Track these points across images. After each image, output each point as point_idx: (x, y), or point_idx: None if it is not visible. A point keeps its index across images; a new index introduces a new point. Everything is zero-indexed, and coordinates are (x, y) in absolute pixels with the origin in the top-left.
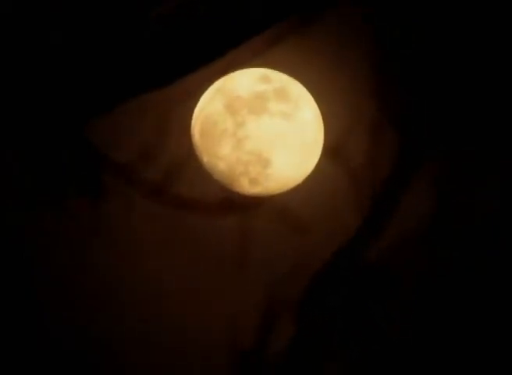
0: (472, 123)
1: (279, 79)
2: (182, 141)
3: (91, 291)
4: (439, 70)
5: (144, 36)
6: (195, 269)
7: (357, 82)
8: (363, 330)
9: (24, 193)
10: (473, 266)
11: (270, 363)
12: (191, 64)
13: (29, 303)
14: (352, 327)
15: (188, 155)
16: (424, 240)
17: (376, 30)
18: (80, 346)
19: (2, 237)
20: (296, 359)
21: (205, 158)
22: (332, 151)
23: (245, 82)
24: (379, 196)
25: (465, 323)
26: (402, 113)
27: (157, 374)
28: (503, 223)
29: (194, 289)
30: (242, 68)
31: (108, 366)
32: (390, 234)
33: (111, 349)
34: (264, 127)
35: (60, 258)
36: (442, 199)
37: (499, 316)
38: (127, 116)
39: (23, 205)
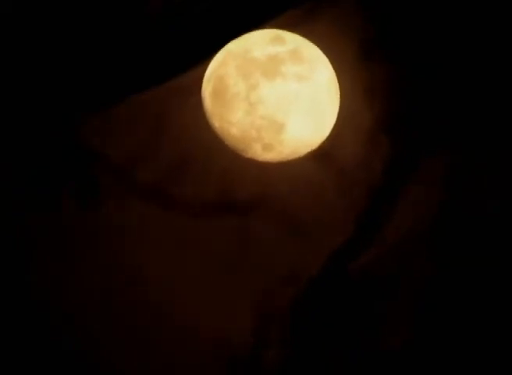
0: (471, 124)
1: (293, 40)
2: (180, 140)
3: (87, 291)
4: (438, 70)
5: (141, 33)
6: (192, 271)
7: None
8: (360, 334)
9: (18, 193)
10: (473, 269)
11: (264, 365)
12: (189, 61)
13: (24, 304)
14: (349, 331)
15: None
16: (421, 243)
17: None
18: (78, 347)
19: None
20: (292, 363)
21: (217, 123)
22: (326, 154)
23: (258, 43)
24: (375, 200)
25: (465, 324)
26: (397, 116)
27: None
28: (502, 225)
29: (191, 290)
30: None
31: (107, 366)
32: (387, 238)
33: (110, 349)
34: (277, 90)
35: (55, 258)
36: (440, 201)
37: (501, 320)
38: (123, 115)
39: (17, 205)
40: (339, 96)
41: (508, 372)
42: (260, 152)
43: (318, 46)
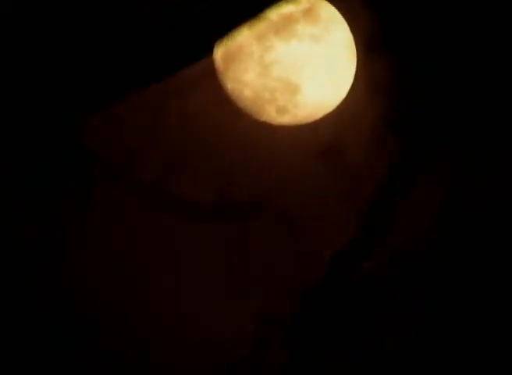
0: (471, 124)
1: None
2: (179, 140)
3: (87, 292)
4: (439, 70)
5: (141, 33)
6: (190, 273)
7: None
8: (360, 334)
9: (18, 193)
10: (473, 269)
11: (265, 367)
12: (188, 60)
13: (24, 304)
14: (349, 331)
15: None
16: (421, 243)
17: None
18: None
19: None
20: (292, 365)
21: (229, 85)
22: (330, 153)
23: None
24: (377, 200)
25: (465, 324)
26: (399, 116)
27: None
28: (502, 225)
29: (190, 291)
30: None
31: (107, 366)
32: (388, 238)
33: (110, 349)
34: (292, 51)
35: (54, 258)
36: (440, 201)
37: (501, 320)
38: (123, 115)
39: (17, 205)
40: (355, 56)
41: (508, 372)
42: (274, 115)
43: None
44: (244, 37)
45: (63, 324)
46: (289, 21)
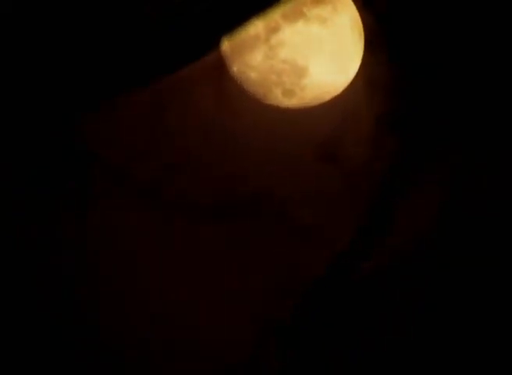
0: (471, 124)
1: None
2: (179, 139)
3: (86, 292)
4: (438, 70)
5: (141, 33)
6: (190, 273)
7: None
8: (360, 334)
9: (18, 193)
10: (473, 269)
11: (264, 368)
12: (186, 58)
13: (24, 304)
14: (349, 331)
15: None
16: (421, 243)
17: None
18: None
19: None
20: (292, 365)
21: (235, 67)
22: (330, 154)
23: None
24: (377, 200)
25: (465, 324)
26: (399, 116)
27: None
28: (502, 225)
29: (188, 293)
30: None
31: (107, 366)
32: (389, 241)
33: (110, 350)
34: (299, 33)
35: (52, 259)
36: (440, 201)
37: (501, 320)
38: (122, 114)
39: (17, 205)
40: (363, 38)
41: (508, 372)
42: (280, 98)
43: None
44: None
45: (63, 324)
46: (295, 2)
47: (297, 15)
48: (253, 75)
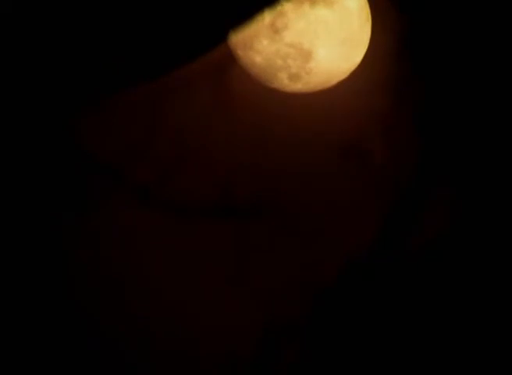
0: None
1: None
2: (179, 139)
3: (86, 293)
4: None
5: (139, 30)
6: (191, 273)
7: None
8: (360, 334)
9: (18, 193)
10: (474, 269)
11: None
12: (186, 58)
13: (24, 305)
14: (349, 331)
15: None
16: (444, 252)
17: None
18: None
19: None
20: (303, 367)
21: (240, 52)
22: (348, 150)
23: None
24: (398, 203)
25: (465, 324)
26: (424, 118)
27: None
28: (502, 224)
29: (190, 294)
30: None
31: (107, 366)
32: (410, 244)
33: (110, 350)
34: (305, 16)
35: (52, 259)
36: (467, 207)
37: (501, 320)
38: (120, 114)
39: (14, 205)
40: (370, 22)
41: (508, 372)
42: (286, 82)
43: None
44: None
45: (63, 324)
46: None
47: None
48: (258, 59)
